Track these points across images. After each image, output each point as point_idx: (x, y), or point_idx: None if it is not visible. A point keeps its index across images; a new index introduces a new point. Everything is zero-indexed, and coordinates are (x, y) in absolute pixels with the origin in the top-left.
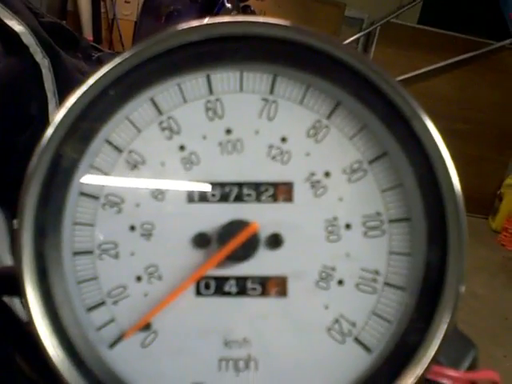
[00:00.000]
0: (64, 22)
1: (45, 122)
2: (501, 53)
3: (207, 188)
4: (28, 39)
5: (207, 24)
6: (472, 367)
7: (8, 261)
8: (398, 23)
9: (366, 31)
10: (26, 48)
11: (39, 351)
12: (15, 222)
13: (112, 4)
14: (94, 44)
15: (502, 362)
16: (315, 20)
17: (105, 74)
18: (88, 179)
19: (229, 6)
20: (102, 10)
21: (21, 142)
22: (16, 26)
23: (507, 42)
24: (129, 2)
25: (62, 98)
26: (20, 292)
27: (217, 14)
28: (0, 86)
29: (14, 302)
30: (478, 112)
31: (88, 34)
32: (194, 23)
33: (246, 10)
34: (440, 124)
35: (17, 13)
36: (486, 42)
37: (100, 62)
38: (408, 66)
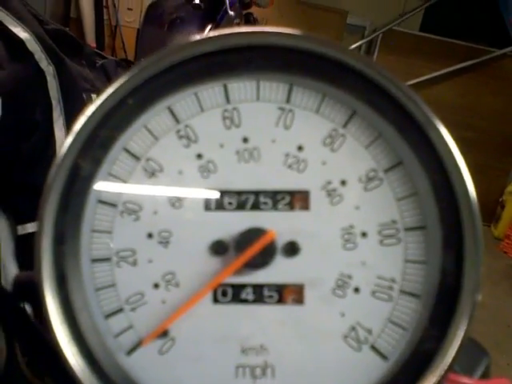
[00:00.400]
0: (67, 28)
1: (49, 128)
2: (502, 60)
3: (224, 196)
4: (33, 46)
5: (223, 34)
6: (485, 375)
7: (12, 265)
8: (400, 30)
9: (368, 38)
10: (30, 55)
11: (57, 358)
12: (19, 227)
13: (115, 11)
14: (98, 51)
15: (506, 370)
16: (317, 27)
17: (123, 84)
18: (106, 187)
19: (232, 13)
20: (105, 17)
21: (25, 149)
22: (21, 33)
23: (509, 49)
24: (131, 9)
25: (66, 104)
26: (39, 299)
27: (220, 21)
28: (5, 92)
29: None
30: (480, 119)
31: (91, 40)
32: (211, 33)
33: (249, 18)
34: None
35: (22, 20)
36: (487, 49)
37: (104, 69)
38: (410, 74)
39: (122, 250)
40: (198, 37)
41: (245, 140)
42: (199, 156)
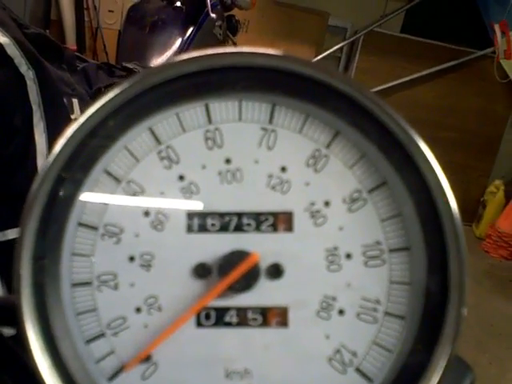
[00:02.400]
0: (47, 30)
1: (29, 133)
2: (483, 61)
3: (207, 218)
4: (12, 51)
5: (206, 55)
6: None
7: None
8: (382, 32)
9: (350, 40)
10: (10, 59)
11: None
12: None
13: (96, 13)
14: (79, 54)
15: (488, 369)
16: (299, 29)
17: (104, 105)
18: (87, 210)
19: (213, 15)
20: (86, 19)
21: (5, 155)
22: (0, 37)
23: (489, 50)
24: (112, 11)
25: (47, 109)
26: (18, 324)
27: (201, 24)
28: None
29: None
30: (461, 120)
31: (71, 42)
32: (193, 54)
33: (231, 20)
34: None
35: (1, 24)
36: (468, 50)
37: (85, 73)
38: (391, 75)
39: (103, 273)
40: (181, 57)
41: (227, 161)
42: (181, 177)
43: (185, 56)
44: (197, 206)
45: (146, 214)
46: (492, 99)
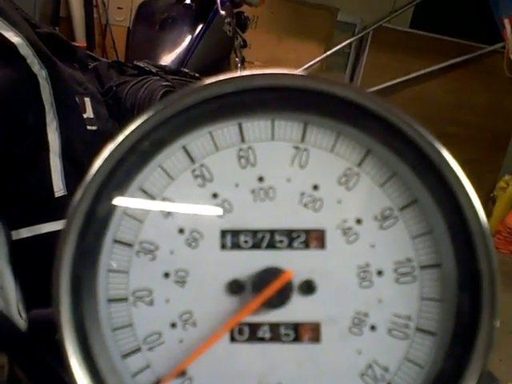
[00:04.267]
0: (57, 28)
1: (42, 132)
2: (492, 56)
3: (240, 235)
4: (25, 50)
5: (241, 76)
6: None
7: (6, 270)
8: (391, 28)
9: (359, 36)
10: (23, 59)
11: None
12: (14, 233)
13: (105, 10)
14: (90, 53)
15: (498, 366)
16: (308, 25)
17: (139, 125)
18: (122, 227)
19: (223, 13)
20: (95, 16)
21: (18, 154)
22: (13, 37)
23: (499, 45)
24: (121, 8)
25: (59, 108)
26: (58, 340)
27: (211, 21)
28: None
29: None
30: (471, 115)
31: (81, 40)
32: (228, 75)
33: (240, 17)
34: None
35: (14, 24)
36: (477, 45)
37: (96, 72)
38: (400, 70)
39: (138, 289)
40: (217, 78)
41: (260, 179)
42: (215, 195)
43: (220, 77)
44: (230, 223)
45: (181, 231)
46: (502, 94)
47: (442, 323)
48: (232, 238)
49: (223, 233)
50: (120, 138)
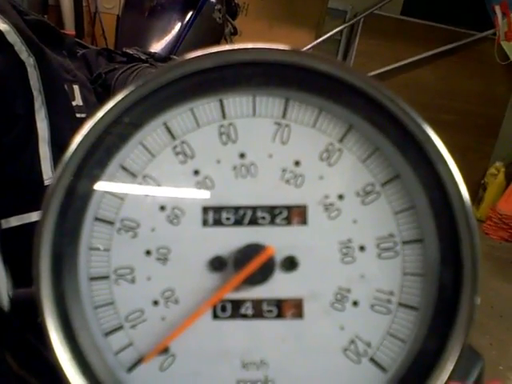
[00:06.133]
0: (46, 16)
1: (31, 120)
2: (483, 43)
3: (222, 212)
4: (12, 38)
5: (220, 51)
6: (479, 379)
7: None
8: (382, 14)
9: (350, 23)
10: (10, 46)
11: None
12: (3, 221)
13: None
14: (79, 40)
15: (488, 350)
16: (298, 12)
17: (119, 101)
18: (103, 204)
19: (213, 0)
20: (84, 4)
21: (7, 142)
22: (0, 24)
23: (490, 32)
24: None
25: (47, 95)
26: (39, 318)
27: (201, 8)
28: None
29: None
30: (462, 102)
31: (70, 28)
32: (208, 50)
33: (230, 3)
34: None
35: (1, 11)
36: (468, 32)
37: (85, 59)
38: (391, 57)
39: (120, 267)
40: (196, 53)
41: (242, 155)
42: (196, 172)
43: (200, 52)
44: (212, 200)
45: (162, 208)
46: (493, 81)
47: (424, 298)
48: (214, 215)
49: (205, 209)
50: (100, 114)
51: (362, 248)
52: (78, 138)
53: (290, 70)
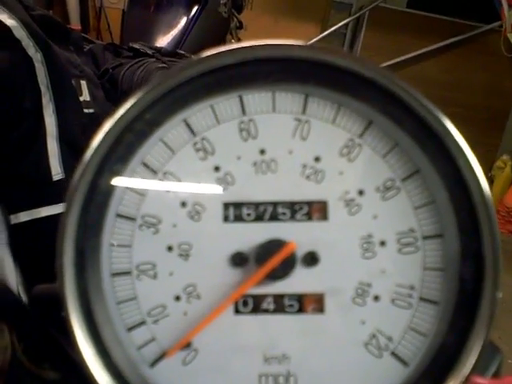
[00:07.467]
0: (51, 11)
1: (39, 115)
2: (489, 35)
3: (243, 207)
4: (20, 33)
5: (240, 48)
6: (497, 372)
7: (6, 254)
8: (387, 7)
9: (355, 16)
10: (17, 42)
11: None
12: (12, 217)
13: None
14: (85, 35)
15: (498, 344)
16: (304, 6)
17: (140, 99)
18: (125, 201)
19: None
20: None
21: (15, 137)
22: (7, 20)
23: (496, 24)
24: None
25: (55, 91)
26: (63, 313)
27: (206, 2)
28: None
29: None
30: (468, 95)
31: (75, 22)
32: (228, 47)
33: None
34: None
35: (7, 7)
36: (474, 25)
37: (92, 54)
38: (397, 51)
39: (142, 263)
40: (216, 50)
41: (262, 152)
42: (216, 168)
43: (220, 49)
44: (232, 196)
45: (183, 204)
46: (499, 74)
47: (444, 293)
48: (234, 211)
49: (226, 205)
50: (121, 111)
51: (382, 243)
52: (99, 136)
53: (308, 66)
